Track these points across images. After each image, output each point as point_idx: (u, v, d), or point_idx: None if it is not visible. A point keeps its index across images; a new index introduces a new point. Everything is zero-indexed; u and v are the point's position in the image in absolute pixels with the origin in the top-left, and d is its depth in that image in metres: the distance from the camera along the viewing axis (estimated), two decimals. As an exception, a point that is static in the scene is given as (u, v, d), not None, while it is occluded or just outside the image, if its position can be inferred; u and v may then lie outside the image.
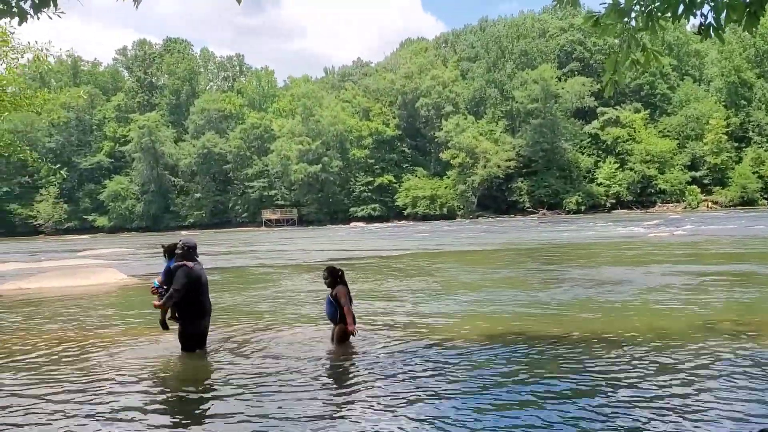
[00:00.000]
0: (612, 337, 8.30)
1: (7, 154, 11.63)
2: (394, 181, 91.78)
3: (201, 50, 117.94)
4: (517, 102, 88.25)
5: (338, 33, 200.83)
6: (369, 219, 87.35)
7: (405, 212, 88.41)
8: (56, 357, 8.53)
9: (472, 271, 18.71)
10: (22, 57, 10.53)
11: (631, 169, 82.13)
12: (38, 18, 5.34)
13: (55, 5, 4.48)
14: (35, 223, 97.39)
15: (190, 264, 8.01)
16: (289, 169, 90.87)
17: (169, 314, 8.39)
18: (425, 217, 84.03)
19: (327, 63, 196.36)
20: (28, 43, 10.30)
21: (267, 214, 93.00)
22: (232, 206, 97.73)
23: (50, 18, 6.91)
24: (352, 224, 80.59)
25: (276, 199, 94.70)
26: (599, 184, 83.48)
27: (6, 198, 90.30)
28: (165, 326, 8.46)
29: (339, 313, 8.11)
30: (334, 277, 8.26)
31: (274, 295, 14.34)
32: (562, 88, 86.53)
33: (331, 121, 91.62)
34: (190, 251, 8.15)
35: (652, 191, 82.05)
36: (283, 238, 50.10)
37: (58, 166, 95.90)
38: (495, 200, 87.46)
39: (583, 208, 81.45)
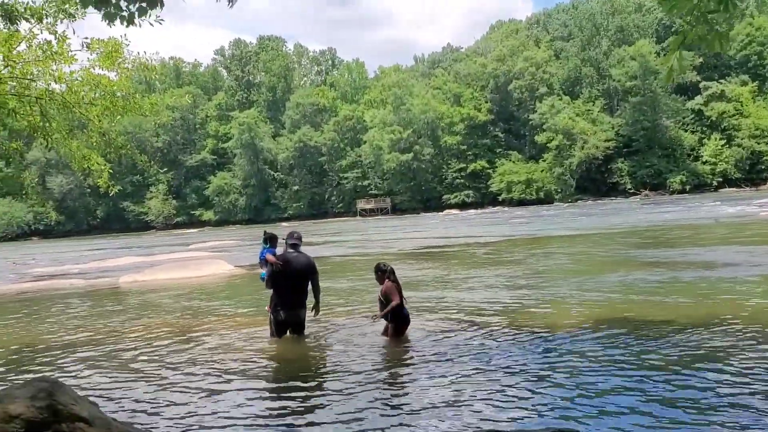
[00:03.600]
0: (719, 324, 7.91)
1: (119, 156, 12.54)
2: (488, 166, 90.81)
3: (294, 46, 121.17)
4: (614, 80, 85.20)
5: (426, 19, 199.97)
6: (463, 206, 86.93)
7: (500, 198, 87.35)
8: (170, 344, 9.24)
9: (570, 256, 18.46)
10: (132, 65, 11.32)
11: (739, 146, 77.49)
12: (140, 25, 5.83)
13: (161, 6, 4.83)
14: (147, 218, 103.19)
15: (272, 257, 8.58)
16: (382, 158, 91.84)
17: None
18: (521, 202, 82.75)
19: (416, 50, 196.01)
20: (137, 53, 11.07)
21: (361, 204, 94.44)
22: (328, 197, 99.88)
23: (151, 25, 7.48)
24: (446, 211, 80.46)
25: (369, 189, 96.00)
26: (705, 162, 79.37)
27: (120, 196, 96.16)
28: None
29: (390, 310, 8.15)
30: (378, 273, 8.41)
31: (363, 284, 14.72)
32: (662, 64, 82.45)
33: (422, 109, 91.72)
34: (284, 241, 8.82)
35: (763, 167, 77.14)
36: (376, 227, 50.85)
37: (165, 170, 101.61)
38: (594, 182, 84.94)
39: (687, 187, 77.70)
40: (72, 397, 3.97)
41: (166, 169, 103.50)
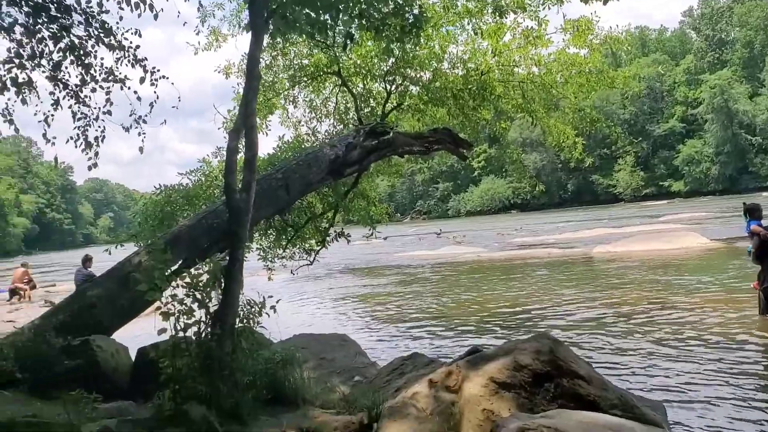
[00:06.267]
0: None
1: (590, 130, 12.91)
2: None
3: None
4: None
5: None
6: None
7: None
8: (648, 316, 9.28)
9: None
10: (601, 41, 11.49)
11: None
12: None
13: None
14: (615, 191, 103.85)
15: (758, 228, 7.95)
16: None
17: None
18: None
19: None
20: (609, 28, 11.22)
21: None
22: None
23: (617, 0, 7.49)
24: None
25: None
26: None
27: (589, 169, 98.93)
28: None
29: None
30: None
31: None
32: None
33: None
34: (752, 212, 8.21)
35: None
36: None
37: (635, 139, 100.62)
38: None
39: None
40: (570, 354, 4.34)
41: (636, 139, 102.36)
